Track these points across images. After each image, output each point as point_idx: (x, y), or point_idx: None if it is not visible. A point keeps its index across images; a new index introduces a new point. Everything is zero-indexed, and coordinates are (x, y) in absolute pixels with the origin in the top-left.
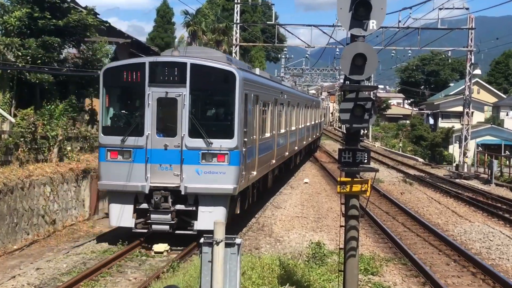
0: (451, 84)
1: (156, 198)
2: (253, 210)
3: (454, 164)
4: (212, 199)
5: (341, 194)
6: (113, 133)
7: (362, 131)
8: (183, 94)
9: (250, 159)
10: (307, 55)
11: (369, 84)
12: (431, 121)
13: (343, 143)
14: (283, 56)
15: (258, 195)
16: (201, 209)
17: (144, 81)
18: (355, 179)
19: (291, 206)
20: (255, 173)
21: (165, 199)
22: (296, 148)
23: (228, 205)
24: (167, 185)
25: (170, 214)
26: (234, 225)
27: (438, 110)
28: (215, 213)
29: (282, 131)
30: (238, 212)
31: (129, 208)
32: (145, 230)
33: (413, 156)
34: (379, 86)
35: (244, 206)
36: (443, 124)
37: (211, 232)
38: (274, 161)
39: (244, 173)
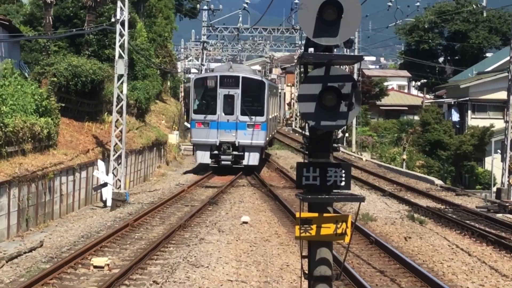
0: (488, 55)
1: (225, 147)
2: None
3: (494, 189)
4: (252, 148)
5: (302, 241)
6: (199, 113)
7: (337, 134)
8: (237, 93)
9: (268, 129)
10: (245, 6)
11: (349, 53)
12: (456, 116)
13: (305, 154)
14: (205, 8)
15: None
16: (246, 154)
17: (217, 85)
18: (325, 215)
19: (219, 264)
20: (267, 137)
21: (228, 148)
22: None
23: (260, 152)
24: (229, 140)
25: (231, 156)
26: None
27: (467, 98)
28: (254, 155)
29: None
30: (263, 156)
31: (207, 153)
32: (216, 165)
33: (426, 176)
34: (367, 57)
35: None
36: (475, 121)
37: (252, 166)
38: (274, 132)
39: (266, 136)
